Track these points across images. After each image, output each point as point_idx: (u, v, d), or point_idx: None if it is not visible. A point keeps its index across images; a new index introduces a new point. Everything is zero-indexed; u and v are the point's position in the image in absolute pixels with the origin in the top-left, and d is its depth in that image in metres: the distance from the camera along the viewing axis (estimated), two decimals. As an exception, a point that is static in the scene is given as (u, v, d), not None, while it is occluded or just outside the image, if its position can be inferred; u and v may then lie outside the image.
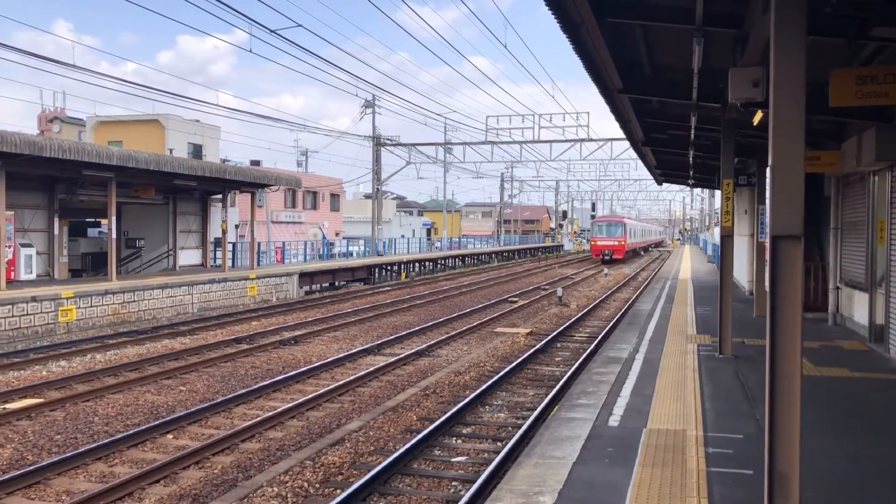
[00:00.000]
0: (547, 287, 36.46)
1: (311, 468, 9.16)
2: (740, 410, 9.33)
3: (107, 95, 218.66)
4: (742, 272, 26.26)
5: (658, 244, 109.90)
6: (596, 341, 18.00)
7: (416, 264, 48.97)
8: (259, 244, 36.94)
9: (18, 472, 8.84)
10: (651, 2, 8.93)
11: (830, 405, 9.57)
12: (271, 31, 16.85)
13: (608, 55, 10.05)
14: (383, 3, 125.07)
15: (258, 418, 11.32)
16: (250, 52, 18.28)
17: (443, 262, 53.78)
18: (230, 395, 12.90)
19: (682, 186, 66.62)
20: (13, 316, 19.19)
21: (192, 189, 31.37)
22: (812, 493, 6.05)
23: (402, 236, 65.00)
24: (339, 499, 7.85)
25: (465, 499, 7.85)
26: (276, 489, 8.45)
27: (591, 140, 38.50)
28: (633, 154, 28.64)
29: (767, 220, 5.06)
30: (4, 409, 11.97)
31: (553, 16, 8.12)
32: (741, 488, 6.50)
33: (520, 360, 15.82)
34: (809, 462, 5.42)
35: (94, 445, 9.95)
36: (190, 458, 9.52)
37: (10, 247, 23.13)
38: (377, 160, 49.20)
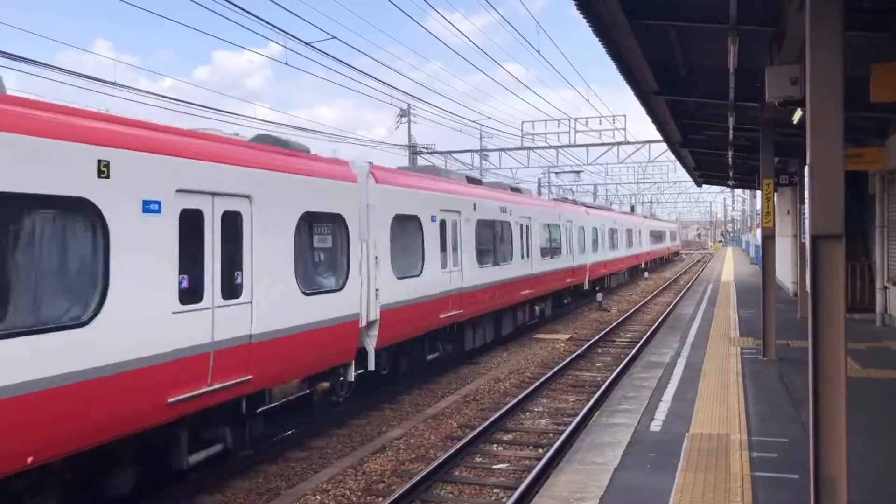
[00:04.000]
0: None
1: (353, 476, 9.22)
2: (785, 414, 9.17)
3: (147, 111, 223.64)
4: (786, 273, 25.80)
5: (672, 254, 76.89)
6: (637, 346, 17.82)
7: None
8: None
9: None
10: (684, 2, 8.85)
11: (879, 407, 9.35)
12: (306, 43, 17.04)
13: (642, 57, 10.00)
14: (414, 11, 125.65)
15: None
16: (286, 64, 18.50)
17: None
18: (272, 405, 13.00)
19: (722, 188, 65.18)
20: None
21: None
22: (861, 497, 5.92)
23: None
24: (380, 506, 7.90)
25: (506, 506, 7.84)
26: (318, 497, 8.52)
27: (629, 143, 38.10)
28: (672, 156, 28.33)
29: (807, 219, 5.00)
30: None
31: (584, 19, 8.10)
32: (787, 493, 6.39)
33: (560, 365, 15.74)
34: (857, 466, 5.30)
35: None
36: (235, 467, 9.63)
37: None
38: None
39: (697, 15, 8.79)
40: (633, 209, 69.64)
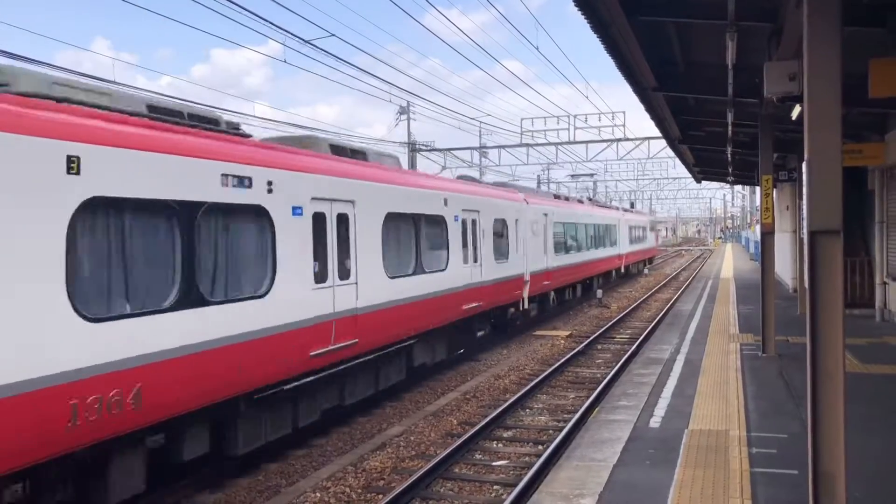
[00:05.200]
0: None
1: (353, 473, 9.22)
2: (784, 410, 9.18)
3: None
4: (786, 269, 25.80)
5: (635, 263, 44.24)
6: (637, 342, 17.83)
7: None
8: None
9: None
10: (683, -2, 8.85)
11: (878, 403, 9.35)
12: (305, 41, 16.99)
13: (640, 53, 9.98)
14: (412, 8, 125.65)
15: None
16: (284, 62, 18.51)
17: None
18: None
19: (721, 184, 64.86)
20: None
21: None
22: (860, 493, 5.93)
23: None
24: None
25: (506, 503, 7.84)
26: (319, 495, 8.53)
27: (628, 139, 38.01)
28: (671, 152, 28.27)
29: (805, 215, 4.99)
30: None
31: (582, 16, 8.09)
32: (786, 489, 6.39)
33: (560, 362, 15.74)
34: (856, 461, 5.31)
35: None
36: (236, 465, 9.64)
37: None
38: (413, 166, 49.40)
39: (696, 11, 8.77)
40: (632, 205, 69.29)
